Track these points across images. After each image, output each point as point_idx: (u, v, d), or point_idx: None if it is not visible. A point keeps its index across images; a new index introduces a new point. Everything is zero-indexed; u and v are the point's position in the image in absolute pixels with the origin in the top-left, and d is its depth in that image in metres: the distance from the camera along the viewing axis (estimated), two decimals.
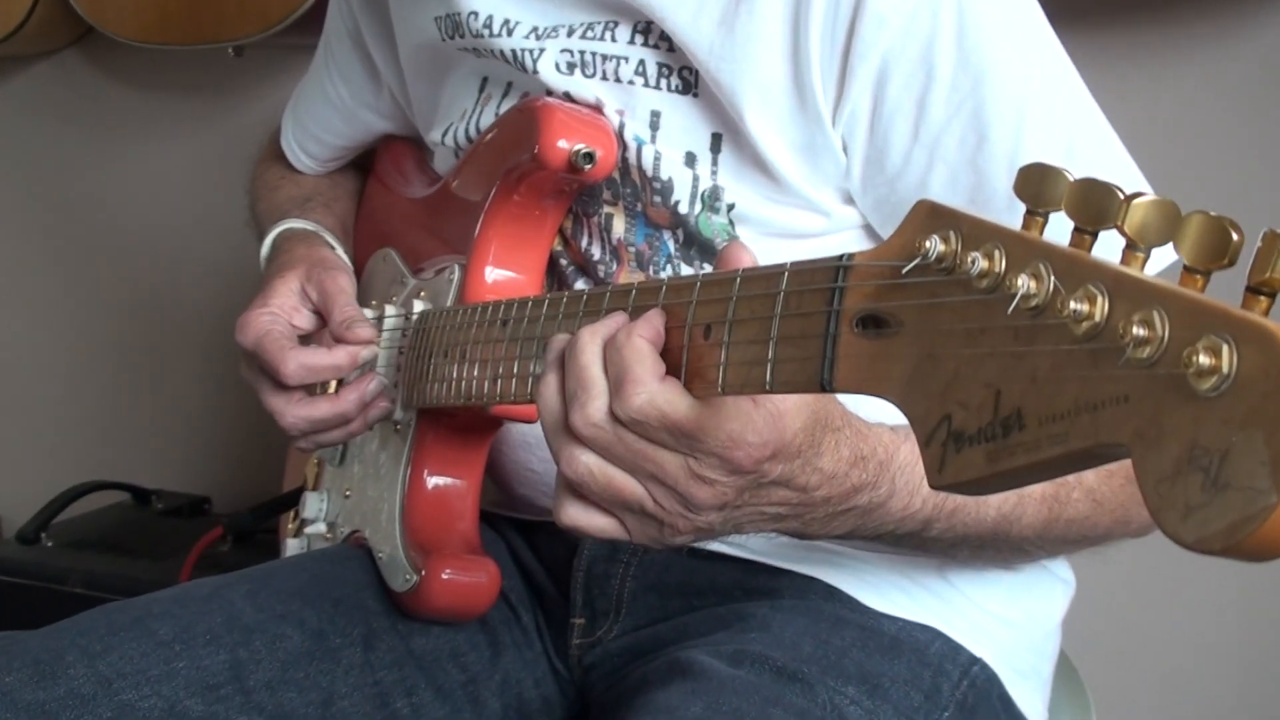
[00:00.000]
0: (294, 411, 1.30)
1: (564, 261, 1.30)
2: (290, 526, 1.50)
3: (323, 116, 1.63)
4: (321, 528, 1.43)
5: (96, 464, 2.70)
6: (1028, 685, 1.27)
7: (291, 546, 1.48)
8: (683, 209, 1.21)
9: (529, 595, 1.39)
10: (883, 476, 0.99)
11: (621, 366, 0.89)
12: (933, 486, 0.67)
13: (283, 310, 1.36)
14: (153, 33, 2.38)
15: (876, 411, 0.92)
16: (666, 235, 1.23)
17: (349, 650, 1.26)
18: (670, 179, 1.21)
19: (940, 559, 1.19)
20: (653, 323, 0.91)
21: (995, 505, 1.07)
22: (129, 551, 2.25)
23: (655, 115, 1.21)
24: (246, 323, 1.33)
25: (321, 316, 1.37)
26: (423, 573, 1.22)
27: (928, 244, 0.68)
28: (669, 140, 1.21)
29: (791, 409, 0.90)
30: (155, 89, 2.74)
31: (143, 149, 2.75)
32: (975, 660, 1.23)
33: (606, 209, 1.25)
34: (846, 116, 1.14)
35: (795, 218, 1.19)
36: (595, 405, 0.90)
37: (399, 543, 1.27)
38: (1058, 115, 1.13)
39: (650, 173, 1.21)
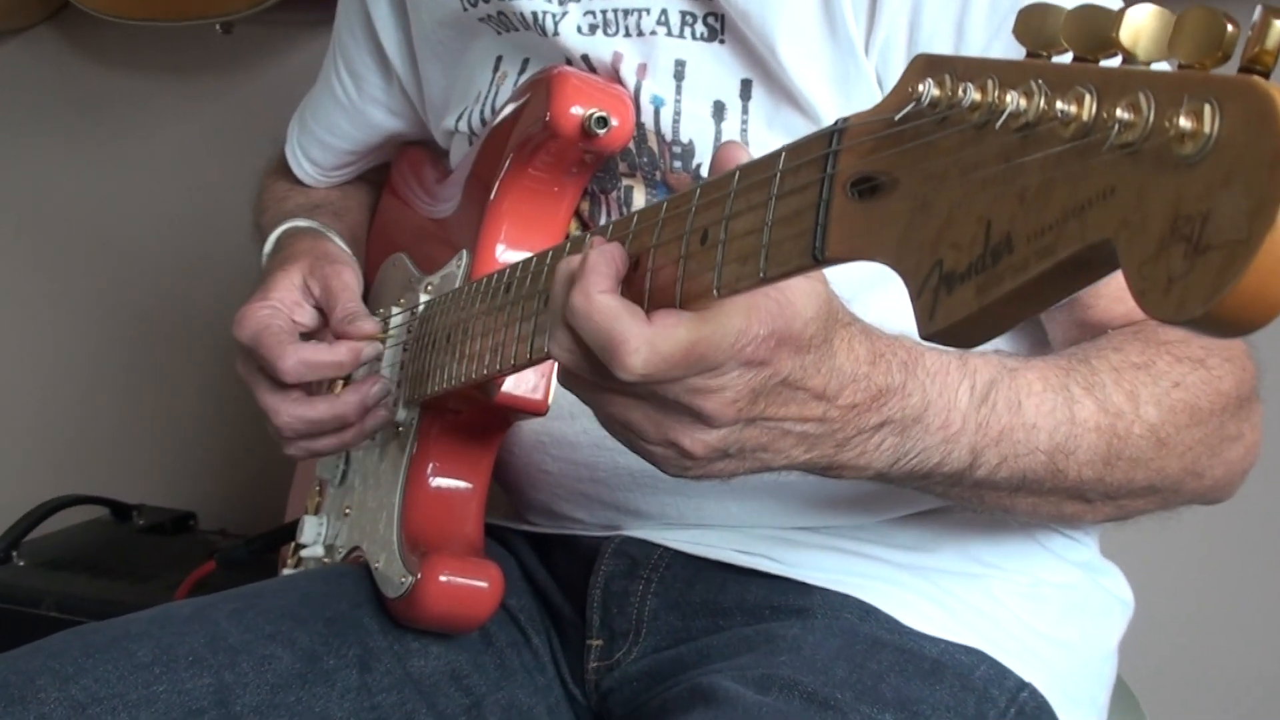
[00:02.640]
0: (289, 410, 1.32)
1: (585, 233, 1.32)
2: (290, 559, 1.51)
3: (329, 118, 1.67)
4: (319, 551, 1.45)
5: (72, 476, 2.70)
6: (1082, 713, 1.26)
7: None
8: (705, 172, 1.23)
9: (541, 616, 1.39)
10: (910, 380, 0.98)
11: (599, 340, 0.87)
12: (924, 336, 0.68)
13: (283, 304, 1.38)
14: (134, 8, 2.37)
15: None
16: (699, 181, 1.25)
17: (344, 672, 1.26)
18: (691, 140, 1.23)
19: (1000, 515, 1.15)
20: (606, 258, 0.90)
21: (1047, 433, 1.05)
22: (108, 571, 2.23)
23: (680, 65, 1.24)
24: (245, 316, 1.36)
25: (324, 313, 1.40)
26: (419, 575, 1.23)
27: (921, 88, 0.70)
28: (695, 91, 1.23)
29: (802, 295, 0.88)
30: (137, 69, 2.74)
31: (123, 135, 2.75)
32: (1024, 685, 1.22)
33: (625, 182, 1.28)
34: (880, 43, 1.17)
35: None
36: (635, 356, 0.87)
37: (396, 546, 1.28)
38: None
39: (669, 136, 1.24)
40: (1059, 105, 0.61)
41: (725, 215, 0.86)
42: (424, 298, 1.34)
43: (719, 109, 1.23)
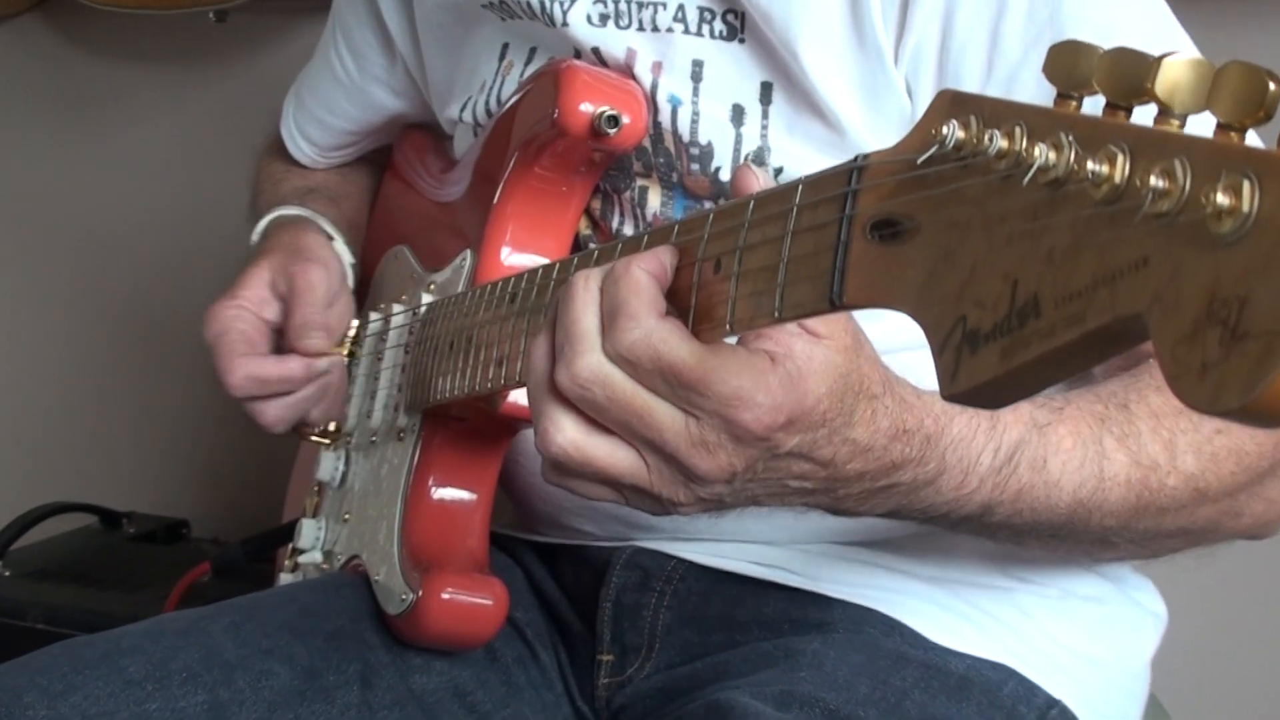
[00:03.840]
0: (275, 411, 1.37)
1: (593, 246, 1.31)
2: (287, 562, 1.51)
3: (327, 95, 1.66)
4: (317, 557, 1.45)
5: (59, 483, 2.66)
6: None
7: (284, 581, 1.49)
8: (724, 175, 1.22)
9: (549, 630, 1.39)
10: (930, 452, 0.98)
11: (616, 301, 0.88)
12: (945, 397, 0.67)
13: (251, 303, 1.40)
14: None
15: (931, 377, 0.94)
16: (709, 206, 1.24)
17: (344, 689, 1.26)
18: (710, 143, 1.22)
19: (1006, 543, 1.16)
20: (658, 256, 0.90)
21: (1070, 490, 1.05)
22: (96, 582, 2.22)
23: (697, 65, 1.23)
24: (211, 315, 1.39)
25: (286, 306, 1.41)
26: (420, 592, 1.23)
27: (945, 130, 0.69)
28: (713, 93, 1.22)
29: (817, 370, 0.88)
30: (127, 59, 2.72)
31: (113, 128, 2.73)
32: (1054, 703, 1.22)
33: (640, 182, 1.28)
34: (910, 52, 1.15)
35: None
36: (584, 361, 0.89)
37: (396, 560, 1.28)
38: (1145, 46, 1.13)
39: (687, 137, 1.23)
40: (1090, 165, 0.60)
41: (740, 245, 0.85)
42: (426, 298, 1.34)
43: (738, 113, 1.22)
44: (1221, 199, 0.54)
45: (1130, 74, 0.64)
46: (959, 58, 1.14)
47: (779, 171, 1.21)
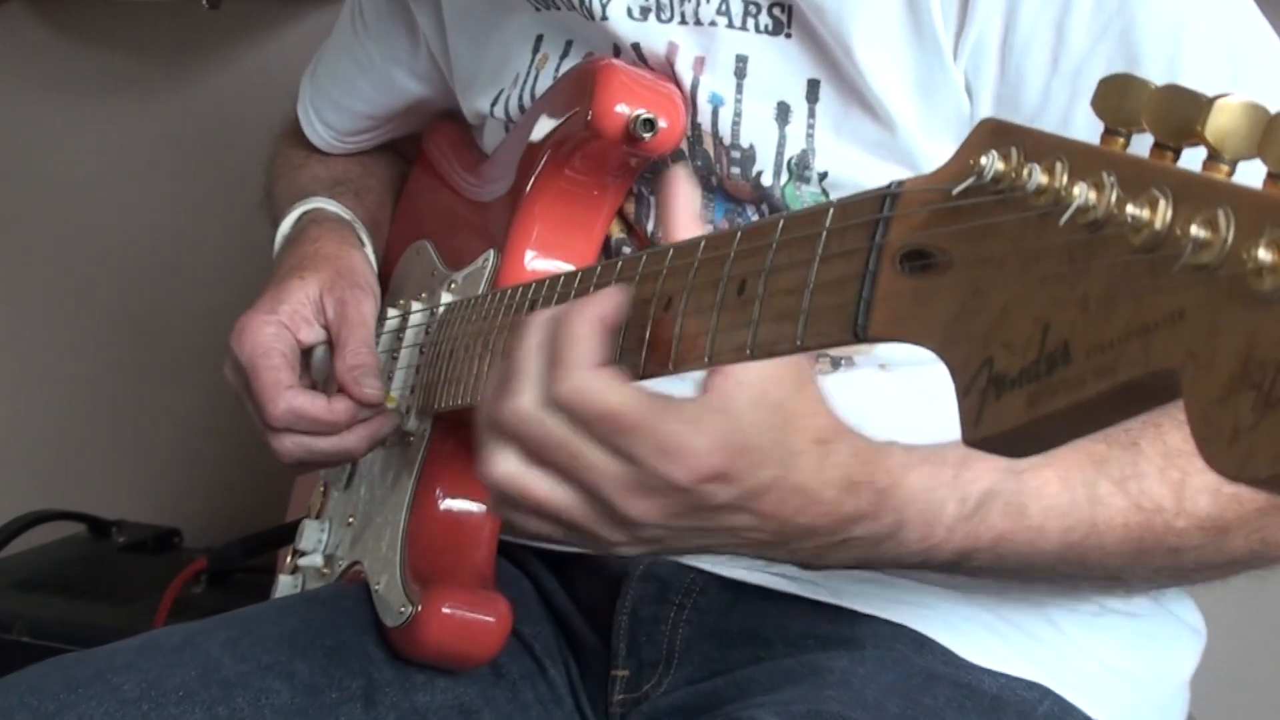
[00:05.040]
0: (289, 442, 1.35)
1: (628, 250, 1.31)
2: (287, 563, 1.51)
3: (346, 78, 1.66)
4: (318, 560, 1.45)
5: (45, 490, 2.64)
6: None
7: (284, 585, 1.50)
8: (766, 180, 1.22)
9: (560, 644, 1.38)
10: (883, 506, 1.01)
11: (555, 349, 0.93)
12: (967, 442, 0.67)
13: (292, 321, 1.38)
14: None
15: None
16: (750, 211, 1.24)
17: (347, 706, 1.26)
18: (752, 145, 1.22)
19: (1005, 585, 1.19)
20: (605, 299, 0.95)
21: (1058, 535, 1.06)
22: (85, 593, 2.20)
23: (741, 61, 1.22)
24: (247, 329, 1.36)
25: (331, 336, 1.40)
26: (419, 606, 1.23)
27: (984, 160, 0.68)
28: (758, 90, 1.22)
29: (750, 418, 0.92)
30: (116, 47, 2.69)
31: (101, 121, 2.70)
32: None
33: None
34: (971, 47, 1.15)
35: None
36: (520, 401, 0.94)
37: (398, 570, 1.28)
38: (1221, 35, 1.13)
39: (728, 139, 1.23)
40: (1130, 209, 0.59)
41: (766, 268, 0.85)
42: (446, 297, 1.34)
43: (783, 111, 1.21)
44: (1264, 255, 0.53)
45: (1180, 114, 0.63)
46: (1022, 53, 1.13)
47: (824, 176, 1.20)
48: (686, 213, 0.99)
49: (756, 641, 1.26)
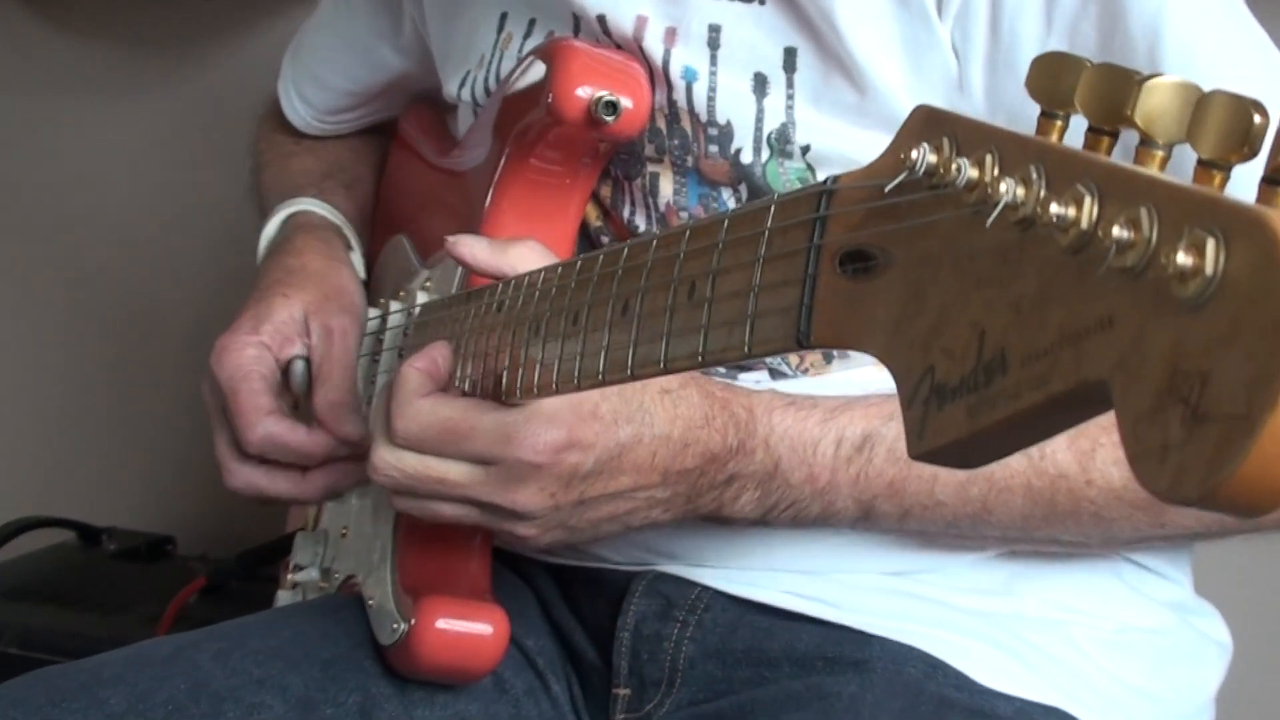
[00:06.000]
0: (247, 478, 1.38)
1: (605, 239, 1.30)
2: (287, 578, 1.51)
3: (328, 52, 1.65)
4: (315, 575, 1.44)
5: (33, 496, 2.61)
6: None
7: (282, 599, 1.50)
8: (745, 157, 1.20)
9: (561, 659, 1.37)
10: (750, 438, 1.11)
11: (389, 398, 1.11)
12: (912, 456, 0.66)
13: (274, 341, 1.37)
14: None
15: None
16: (726, 194, 1.23)
17: None
18: (729, 121, 1.21)
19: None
20: (428, 354, 1.14)
21: (955, 486, 1.14)
22: (74, 603, 2.17)
23: (714, 31, 1.21)
24: (227, 349, 1.36)
25: (313, 362, 1.39)
26: (413, 621, 1.22)
27: (914, 154, 0.67)
28: (732, 61, 1.21)
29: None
30: (106, 39, 2.68)
31: (90, 115, 2.69)
32: None
33: (651, 168, 1.26)
34: (957, 6, 1.14)
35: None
36: (378, 449, 1.13)
37: (389, 584, 1.27)
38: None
39: (704, 116, 1.21)
40: (1054, 207, 0.58)
41: (713, 268, 0.83)
42: (421, 296, 1.33)
43: (760, 82, 1.20)
44: (1183, 258, 0.51)
45: (1111, 94, 0.62)
46: (1015, 11, 1.12)
47: (806, 149, 1.19)
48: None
49: (762, 661, 1.26)
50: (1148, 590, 1.29)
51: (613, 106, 1.17)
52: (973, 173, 0.63)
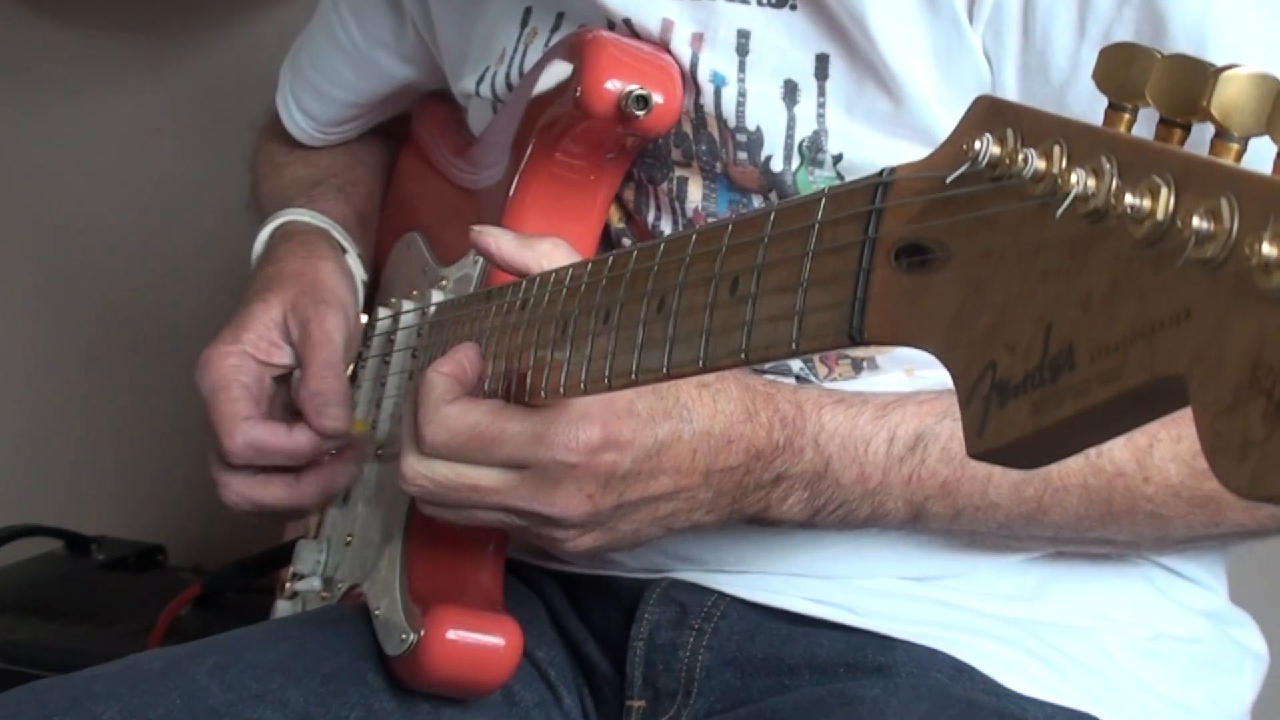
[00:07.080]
0: (240, 490, 1.37)
1: (628, 241, 1.31)
2: (286, 587, 1.51)
3: (327, 63, 1.65)
4: (316, 584, 1.45)
5: (21, 504, 2.62)
6: None
7: (282, 610, 1.50)
8: (776, 165, 1.21)
9: (573, 670, 1.37)
10: (797, 435, 1.11)
11: (416, 404, 1.11)
12: (971, 455, 0.66)
13: (257, 349, 1.39)
14: None
15: None
16: (756, 200, 1.24)
17: None
18: (759, 128, 1.21)
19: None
20: (454, 357, 1.13)
21: (1010, 487, 1.14)
22: (62, 614, 2.17)
23: (743, 36, 1.22)
24: (209, 362, 1.37)
25: (297, 357, 1.40)
26: (423, 632, 1.22)
27: (978, 145, 0.68)
28: (762, 68, 1.21)
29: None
30: (96, 28, 2.68)
31: (78, 107, 2.69)
32: None
33: (679, 172, 1.27)
34: (989, 10, 1.14)
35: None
36: (407, 462, 1.12)
37: (398, 593, 1.28)
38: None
39: (732, 121, 1.22)
40: (1129, 198, 0.58)
41: (758, 263, 0.84)
42: (437, 295, 1.33)
43: (790, 90, 1.21)
44: (1268, 250, 0.52)
45: (1186, 86, 0.62)
46: (1048, 16, 1.13)
47: (839, 159, 1.20)
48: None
49: (782, 669, 1.26)
50: (1181, 597, 1.29)
51: (644, 101, 1.18)
52: (1040, 164, 0.64)
